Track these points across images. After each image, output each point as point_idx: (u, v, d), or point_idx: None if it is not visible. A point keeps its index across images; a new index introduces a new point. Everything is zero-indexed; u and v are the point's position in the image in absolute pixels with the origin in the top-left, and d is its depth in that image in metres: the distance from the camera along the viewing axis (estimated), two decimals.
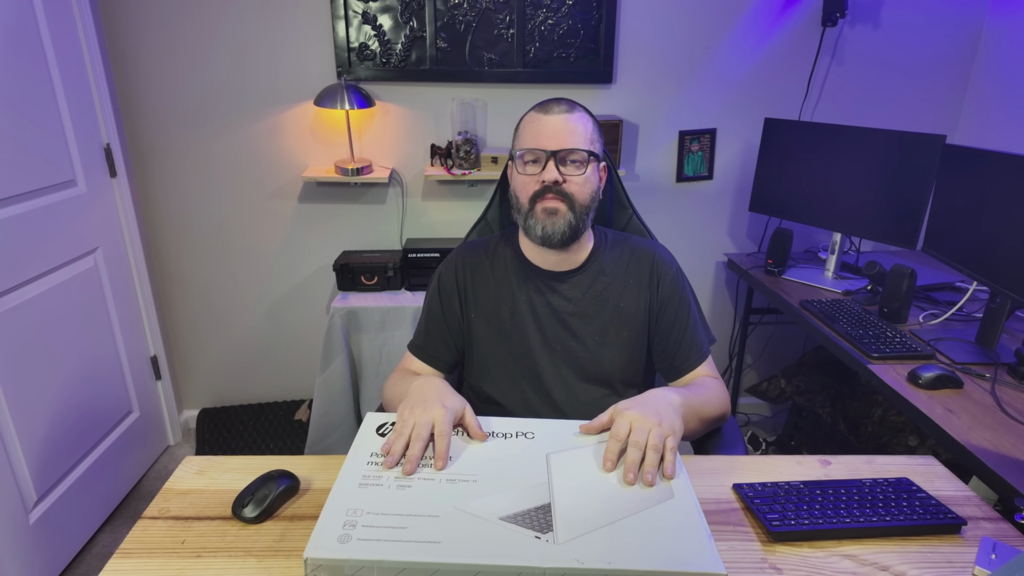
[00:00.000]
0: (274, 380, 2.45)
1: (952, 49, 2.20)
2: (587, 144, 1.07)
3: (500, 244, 1.20)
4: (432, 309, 1.20)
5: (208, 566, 0.75)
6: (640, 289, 1.15)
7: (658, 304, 1.15)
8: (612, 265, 1.16)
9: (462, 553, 0.67)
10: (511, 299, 1.15)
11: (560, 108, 1.08)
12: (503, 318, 1.15)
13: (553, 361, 1.14)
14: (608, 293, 1.14)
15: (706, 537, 0.71)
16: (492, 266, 1.18)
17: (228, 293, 2.32)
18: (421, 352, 1.20)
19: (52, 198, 1.73)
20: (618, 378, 1.15)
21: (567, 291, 1.14)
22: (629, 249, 1.19)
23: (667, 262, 1.17)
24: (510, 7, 2.05)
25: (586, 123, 1.09)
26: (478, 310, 1.17)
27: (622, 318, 1.14)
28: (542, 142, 1.06)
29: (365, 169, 2.10)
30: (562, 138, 1.05)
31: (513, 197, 1.13)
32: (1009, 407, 1.29)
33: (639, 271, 1.16)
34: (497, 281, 1.17)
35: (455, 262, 1.20)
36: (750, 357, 2.56)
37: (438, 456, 0.82)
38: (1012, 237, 1.41)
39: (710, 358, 1.16)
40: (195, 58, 2.04)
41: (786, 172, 2.05)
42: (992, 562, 0.77)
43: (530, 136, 1.08)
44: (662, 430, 0.84)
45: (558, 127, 1.06)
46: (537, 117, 1.08)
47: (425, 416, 0.86)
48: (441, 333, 1.19)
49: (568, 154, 1.06)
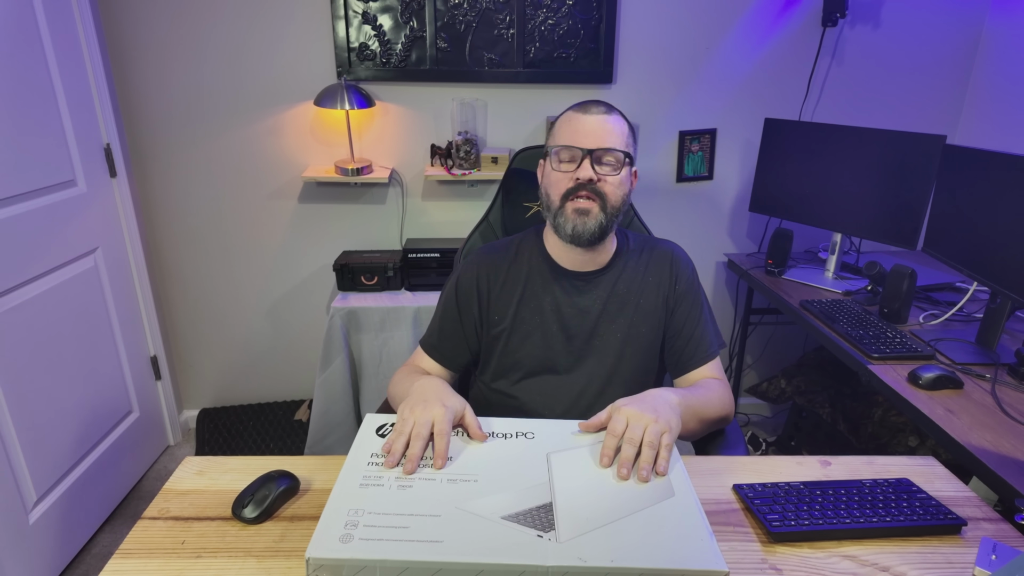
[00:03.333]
0: (274, 380, 2.45)
1: (952, 49, 2.20)
2: (624, 146, 1.08)
3: (523, 245, 1.20)
4: (448, 310, 1.20)
5: (208, 566, 0.75)
6: (659, 287, 1.16)
7: (674, 300, 1.16)
8: (634, 266, 1.18)
9: (464, 552, 0.67)
10: (535, 300, 1.15)
11: (599, 109, 1.09)
12: (526, 318, 1.15)
13: (577, 361, 1.15)
14: (629, 293, 1.15)
15: (708, 535, 0.71)
16: (516, 267, 1.18)
17: (228, 293, 2.32)
18: (434, 351, 1.20)
19: (52, 198, 1.73)
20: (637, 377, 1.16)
21: (592, 291, 1.15)
22: (649, 249, 1.20)
23: (684, 262, 1.19)
24: (510, 7, 2.05)
25: (623, 126, 1.10)
26: (501, 312, 1.17)
27: (641, 317, 1.15)
28: (579, 140, 1.06)
29: (365, 169, 2.10)
30: (600, 137, 1.06)
31: (543, 194, 1.13)
32: (1009, 407, 1.29)
33: (659, 269, 1.17)
34: (521, 282, 1.17)
35: (476, 266, 1.19)
36: (750, 357, 2.56)
37: (437, 455, 0.83)
38: (1012, 237, 1.41)
39: (718, 360, 1.17)
40: (195, 58, 2.04)
41: (786, 172, 2.05)
42: (992, 563, 0.77)
43: (567, 134, 1.08)
44: (658, 426, 0.85)
45: (596, 127, 1.06)
46: (575, 116, 1.09)
47: (425, 415, 0.86)
48: (456, 334, 1.19)
49: (604, 154, 1.06)
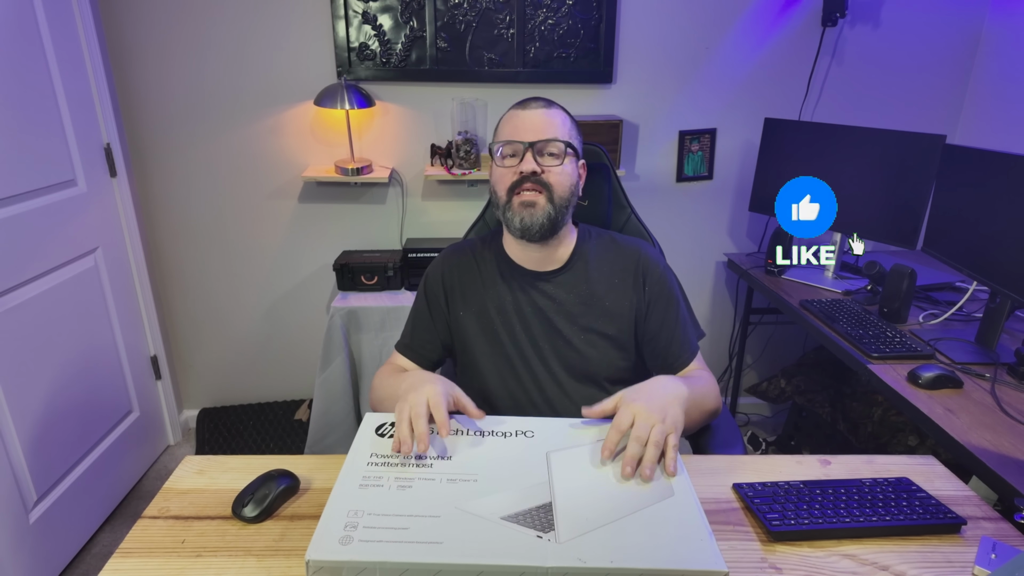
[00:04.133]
0: (274, 380, 2.45)
1: (952, 49, 2.20)
2: (565, 136, 1.09)
3: (485, 244, 1.22)
4: (419, 308, 1.22)
5: (208, 566, 0.75)
6: (625, 289, 1.15)
7: (645, 304, 1.15)
8: (597, 264, 1.16)
9: (464, 553, 0.67)
10: (497, 298, 1.16)
11: (537, 104, 1.11)
12: (491, 317, 1.16)
13: (542, 359, 1.15)
14: (593, 293, 1.14)
15: (707, 535, 0.71)
16: (478, 266, 1.19)
17: (228, 293, 2.32)
18: (407, 349, 1.21)
19: (52, 198, 1.73)
20: (605, 376, 1.15)
21: (551, 290, 1.15)
22: (615, 248, 1.19)
23: (653, 260, 1.17)
24: (510, 7, 2.05)
25: (563, 119, 1.11)
26: (467, 309, 1.17)
27: (607, 317, 1.14)
28: (520, 134, 1.08)
29: (365, 169, 2.10)
30: (540, 130, 1.07)
31: (492, 192, 1.14)
32: (1009, 407, 1.29)
33: (624, 270, 1.16)
34: (483, 280, 1.17)
35: (441, 263, 1.21)
36: (750, 357, 2.56)
37: (440, 426, 0.84)
38: (1012, 237, 1.41)
39: (699, 352, 1.17)
40: (195, 58, 2.04)
41: (786, 172, 2.04)
42: (992, 562, 0.77)
43: (508, 130, 1.10)
44: (665, 427, 0.84)
45: (535, 120, 1.08)
46: (515, 113, 1.11)
47: (419, 396, 0.87)
48: (427, 330, 1.20)
49: (546, 145, 1.07)
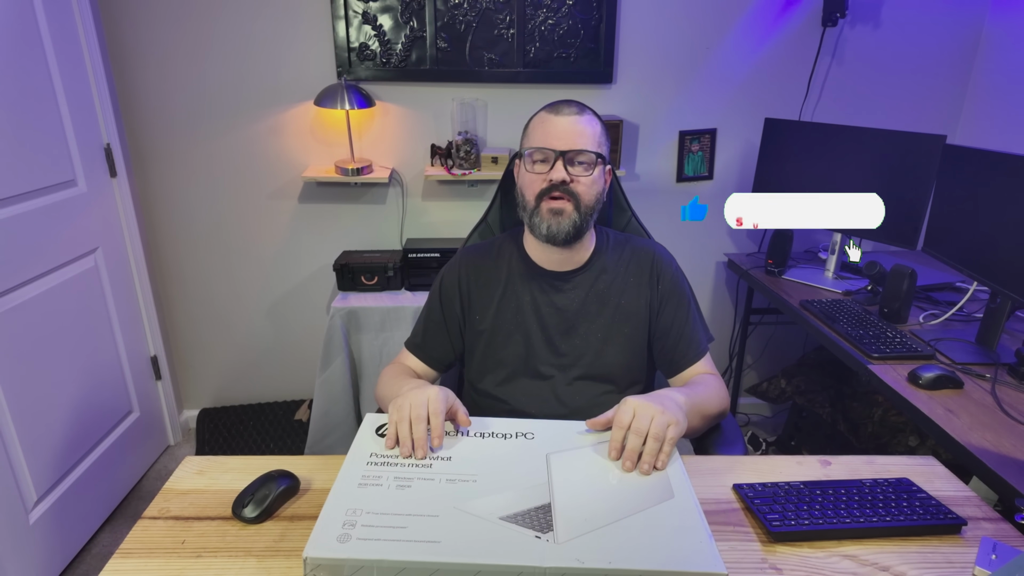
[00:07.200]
0: (274, 380, 2.45)
1: (952, 49, 2.20)
2: (595, 146, 1.09)
3: (504, 245, 1.22)
4: (432, 310, 1.22)
5: (208, 566, 0.75)
6: (640, 287, 1.17)
7: (658, 301, 1.16)
8: (614, 264, 1.18)
9: (462, 553, 0.67)
10: (515, 299, 1.16)
11: (570, 110, 1.09)
12: (506, 318, 1.16)
13: (557, 360, 1.15)
14: (609, 292, 1.16)
15: (706, 537, 0.71)
16: (496, 267, 1.19)
17: (228, 293, 2.32)
18: (418, 350, 1.22)
19: (52, 198, 1.73)
20: (619, 375, 1.16)
21: (570, 290, 1.16)
22: (630, 249, 1.20)
23: (666, 261, 1.19)
24: (510, 7, 2.05)
25: (595, 126, 1.10)
26: (482, 311, 1.18)
27: (623, 316, 1.15)
28: (551, 142, 1.07)
29: (365, 169, 2.10)
30: (571, 139, 1.07)
31: (519, 195, 1.14)
32: (1009, 407, 1.29)
33: (639, 269, 1.17)
34: (501, 282, 1.18)
35: (458, 265, 1.21)
36: (750, 357, 2.55)
37: (435, 435, 0.84)
38: (1012, 237, 1.41)
39: (708, 355, 1.18)
40: (195, 58, 2.04)
41: (786, 172, 2.05)
42: (992, 562, 0.77)
43: (539, 135, 1.09)
44: (664, 418, 0.86)
45: (568, 128, 1.07)
46: (547, 117, 1.09)
47: (419, 398, 0.88)
48: (440, 333, 1.21)
49: (576, 155, 1.07)
